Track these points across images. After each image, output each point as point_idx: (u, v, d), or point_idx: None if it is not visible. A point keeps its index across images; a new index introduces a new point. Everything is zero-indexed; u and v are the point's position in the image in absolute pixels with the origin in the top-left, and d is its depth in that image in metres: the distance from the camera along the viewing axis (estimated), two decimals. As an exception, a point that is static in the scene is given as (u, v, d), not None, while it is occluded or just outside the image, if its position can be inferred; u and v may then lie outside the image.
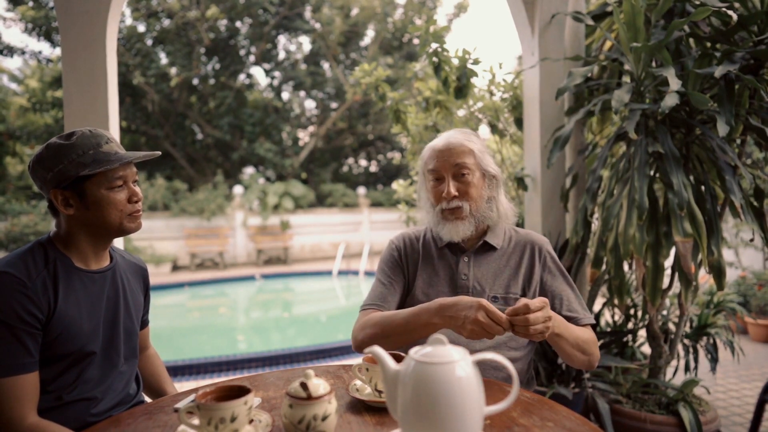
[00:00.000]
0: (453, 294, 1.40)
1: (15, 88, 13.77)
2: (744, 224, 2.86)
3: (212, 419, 0.82)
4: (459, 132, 1.44)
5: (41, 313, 1.08)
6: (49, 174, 1.15)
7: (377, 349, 0.83)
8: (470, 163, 1.38)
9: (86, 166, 1.14)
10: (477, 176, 1.39)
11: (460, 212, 1.38)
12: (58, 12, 2.36)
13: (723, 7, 1.93)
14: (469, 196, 1.38)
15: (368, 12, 15.78)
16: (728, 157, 1.99)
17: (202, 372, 4.11)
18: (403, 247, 1.51)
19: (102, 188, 1.16)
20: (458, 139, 1.40)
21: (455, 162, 1.37)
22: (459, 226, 1.39)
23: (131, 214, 1.21)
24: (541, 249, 1.43)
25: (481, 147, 1.42)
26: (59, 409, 1.14)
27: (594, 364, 1.32)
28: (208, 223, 12.10)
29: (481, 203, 1.40)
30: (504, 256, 1.42)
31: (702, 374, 3.26)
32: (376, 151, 18.67)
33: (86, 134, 1.18)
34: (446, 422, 0.73)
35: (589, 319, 1.37)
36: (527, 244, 1.44)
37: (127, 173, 1.20)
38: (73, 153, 1.14)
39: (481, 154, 1.40)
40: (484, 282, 1.39)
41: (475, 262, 1.42)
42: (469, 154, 1.39)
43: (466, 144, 1.39)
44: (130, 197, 1.21)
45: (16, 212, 10.06)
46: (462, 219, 1.39)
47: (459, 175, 1.38)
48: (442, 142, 1.41)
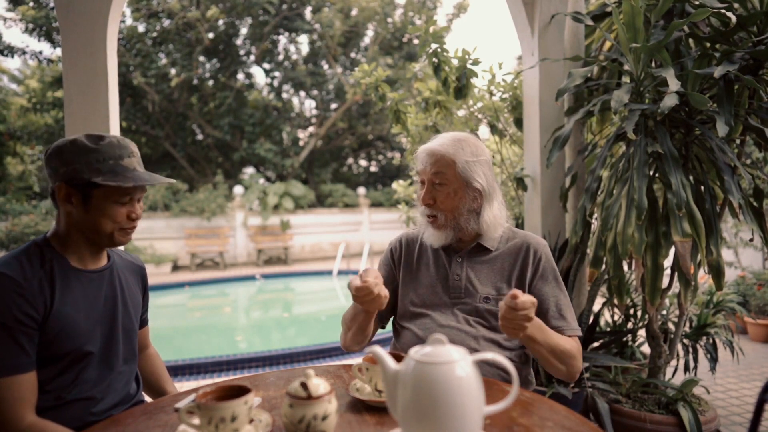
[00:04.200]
0: (446, 294, 1.41)
1: (15, 88, 13.76)
2: (743, 224, 2.87)
3: (212, 419, 0.82)
4: (452, 139, 1.39)
5: (37, 313, 1.09)
6: (63, 168, 1.15)
7: (377, 349, 0.83)
8: (448, 174, 1.36)
9: (101, 174, 1.14)
10: (454, 188, 1.36)
11: (436, 221, 1.39)
12: (58, 12, 2.36)
13: (722, 8, 1.93)
14: (443, 205, 1.37)
15: (368, 12, 15.76)
16: (727, 157, 2.00)
17: (202, 372, 4.11)
18: (399, 247, 1.54)
19: (109, 200, 1.17)
20: (443, 148, 1.37)
21: (433, 170, 1.37)
22: (437, 233, 1.40)
23: (124, 228, 1.22)
24: (536, 251, 1.41)
25: (471, 158, 1.37)
26: (59, 408, 1.14)
27: (574, 375, 1.32)
28: (208, 223, 12.10)
29: (458, 215, 1.38)
30: (498, 258, 1.42)
31: (701, 374, 3.26)
32: (376, 151, 18.66)
33: (114, 143, 1.18)
34: (446, 422, 0.73)
35: (574, 330, 1.35)
36: (522, 246, 1.42)
37: (136, 192, 1.21)
38: (93, 157, 1.15)
39: (466, 165, 1.35)
40: (477, 283, 1.39)
41: (469, 263, 1.42)
42: (449, 165, 1.35)
43: (449, 154, 1.36)
44: (129, 214, 1.21)
45: (16, 212, 10.06)
46: (438, 228, 1.40)
47: (435, 183, 1.37)
48: (429, 147, 1.39)
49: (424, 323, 1.39)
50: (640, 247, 2.02)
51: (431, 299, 1.42)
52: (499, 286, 1.39)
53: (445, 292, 1.41)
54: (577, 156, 2.68)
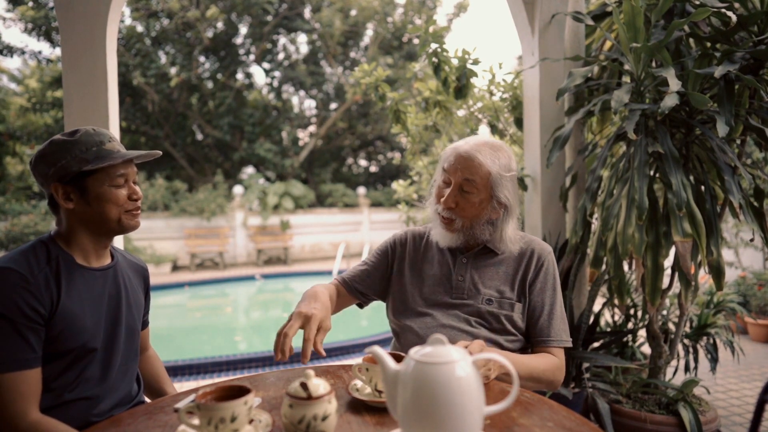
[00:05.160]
0: (449, 294, 1.41)
1: (14, 88, 13.75)
2: (744, 224, 2.86)
3: (212, 419, 0.82)
4: (490, 148, 1.35)
5: (44, 309, 1.09)
6: (51, 169, 1.16)
7: (377, 349, 0.83)
8: (479, 183, 1.33)
9: (89, 162, 1.16)
10: (480, 198, 1.34)
11: (452, 224, 1.38)
12: (58, 12, 2.36)
13: (723, 8, 1.93)
14: (464, 212, 1.36)
15: (368, 12, 15.76)
16: (728, 157, 1.99)
17: (202, 372, 4.11)
18: (403, 241, 1.53)
19: (104, 185, 1.18)
20: (482, 155, 1.33)
21: (465, 176, 1.33)
22: (448, 235, 1.40)
23: (130, 211, 1.23)
24: (540, 257, 1.41)
25: (505, 172, 1.34)
26: (60, 408, 1.14)
27: (556, 387, 1.34)
28: (208, 223, 12.09)
29: (476, 223, 1.37)
30: (504, 261, 1.42)
31: (702, 374, 3.26)
32: (376, 151, 18.66)
33: (89, 132, 1.20)
34: (446, 422, 0.73)
35: (561, 342, 1.35)
36: (527, 251, 1.42)
37: (128, 171, 1.22)
38: (76, 149, 1.16)
39: (498, 178, 1.33)
40: (480, 284, 1.39)
41: (473, 265, 1.42)
42: (482, 175, 1.32)
43: (485, 165, 1.32)
44: (130, 195, 1.23)
45: (16, 212, 10.05)
46: (452, 231, 1.39)
47: (463, 189, 1.34)
48: (465, 149, 1.35)
49: (426, 322, 1.38)
50: (640, 247, 2.02)
51: (433, 298, 1.41)
52: (502, 289, 1.39)
53: (448, 292, 1.41)
54: (578, 156, 2.67)
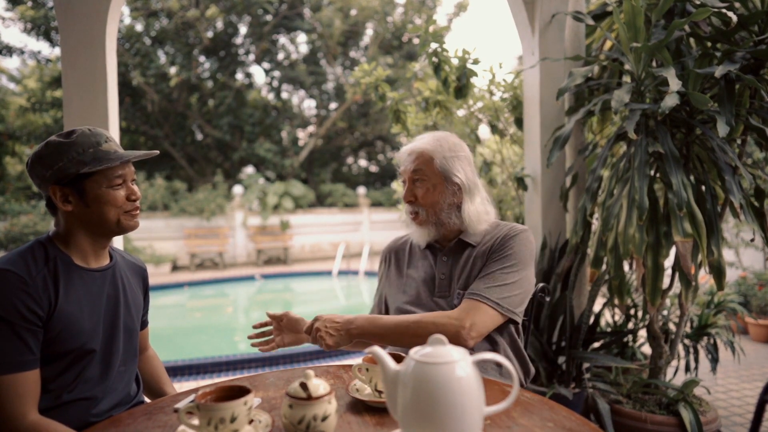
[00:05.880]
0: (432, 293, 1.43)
1: (14, 88, 13.74)
2: (744, 224, 2.86)
3: (212, 419, 0.82)
4: (430, 137, 1.45)
5: (42, 311, 1.08)
6: (48, 172, 1.15)
7: (377, 349, 0.83)
8: (427, 170, 1.40)
9: (86, 164, 1.15)
10: (433, 183, 1.40)
11: (417, 217, 1.43)
12: (57, 12, 2.35)
13: (723, 7, 1.93)
14: (424, 201, 1.41)
15: (368, 11, 15.76)
16: (728, 157, 1.99)
17: (202, 372, 4.11)
18: (387, 258, 1.60)
19: (102, 186, 1.17)
20: (421, 145, 1.42)
21: (413, 167, 1.41)
22: (419, 230, 1.45)
23: (129, 211, 1.22)
24: (506, 236, 1.37)
25: (450, 153, 1.40)
26: (59, 408, 1.13)
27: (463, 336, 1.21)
28: (207, 223, 12.09)
29: (439, 210, 1.41)
30: (479, 253, 1.41)
31: (702, 374, 3.26)
32: (376, 151, 18.67)
33: (86, 132, 1.19)
34: (446, 422, 0.73)
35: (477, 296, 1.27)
36: (497, 236, 1.40)
37: (126, 172, 1.22)
38: (73, 151, 1.15)
39: (445, 160, 1.39)
40: (454, 280, 1.41)
41: (453, 260, 1.44)
42: (427, 161, 1.40)
43: (427, 151, 1.40)
44: (129, 195, 1.22)
45: (15, 212, 10.05)
46: (420, 224, 1.44)
47: (415, 180, 1.42)
48: (409, 146, 1.45)
49: None
50: (640, 247, 2.02)
51: (418, 298, 1.44)
52: (470, 282, 1.37)
53: (431, 291, 1.43)
54: (578, 156, 2.67)
